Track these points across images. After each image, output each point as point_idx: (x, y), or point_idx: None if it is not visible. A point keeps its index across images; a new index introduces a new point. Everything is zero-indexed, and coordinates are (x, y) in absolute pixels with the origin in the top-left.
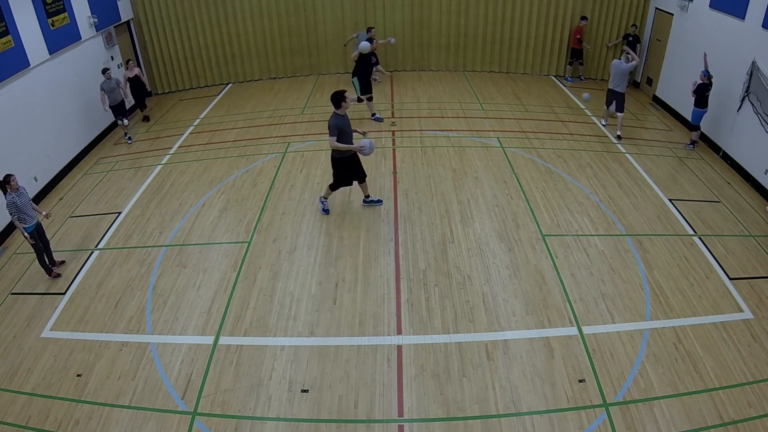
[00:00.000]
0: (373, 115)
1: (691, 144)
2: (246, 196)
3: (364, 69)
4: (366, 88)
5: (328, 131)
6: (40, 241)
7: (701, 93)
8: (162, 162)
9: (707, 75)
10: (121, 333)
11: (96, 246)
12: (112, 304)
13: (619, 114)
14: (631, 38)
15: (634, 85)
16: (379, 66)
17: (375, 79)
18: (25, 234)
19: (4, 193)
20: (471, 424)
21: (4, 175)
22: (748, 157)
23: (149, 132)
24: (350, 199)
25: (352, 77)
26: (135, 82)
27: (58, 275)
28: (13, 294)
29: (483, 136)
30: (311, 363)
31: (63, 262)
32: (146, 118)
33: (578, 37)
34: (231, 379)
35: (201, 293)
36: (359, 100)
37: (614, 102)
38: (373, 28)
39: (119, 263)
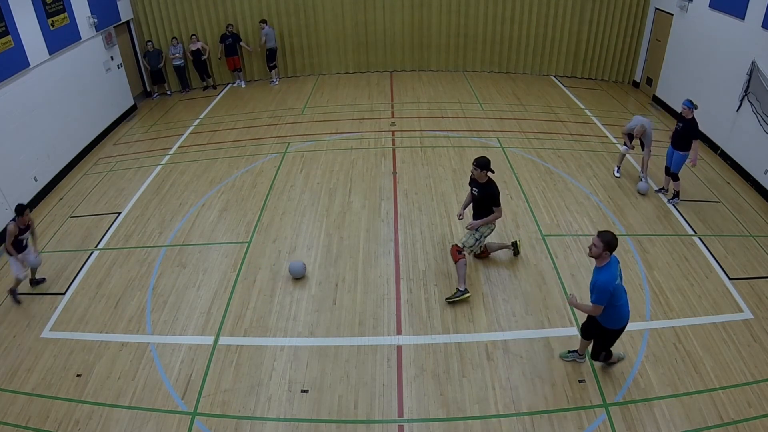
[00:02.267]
0: None
1: (675, 197)
2: (246, 196)
3: None
4: None
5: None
6: None
7: (695, 131)
8: (162, 162)
9: (692, 105)
10: (121, 333)
11: (96, 246)
12: (112, 304)
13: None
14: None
15: (634, 85)
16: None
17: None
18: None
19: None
20: (471, 424)
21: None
22: (747, 156)
23: (149, 132)
24: (350, 200)
25: None
26: (197, 55)
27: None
28: None
29: (483, 137)
30: (311, 363)
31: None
32: (210, 87)
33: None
34: (231, 379)
35: (201, 293)
36: None
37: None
38: None
39: (119, 263)
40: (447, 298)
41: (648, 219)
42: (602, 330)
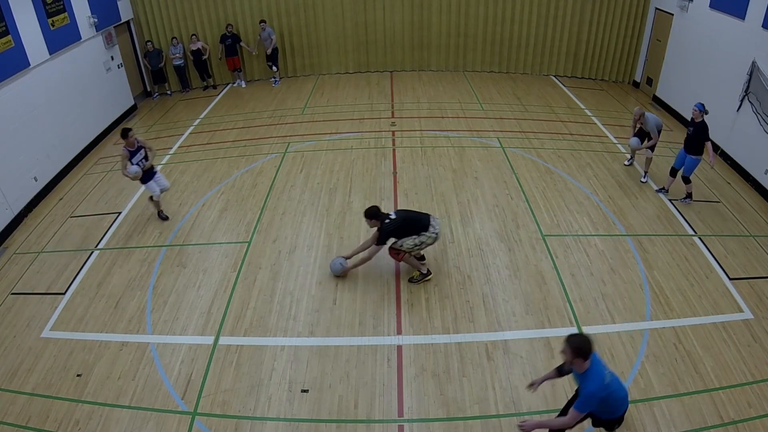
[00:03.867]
0: None
1: (688, 197)
2: (246, 196)
3: None
4: None
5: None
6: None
7: (704, 134)
8: (162, 162)
9: (703, 109)
10: (121, 333)
11: (96, 246)
12: (112, 304)
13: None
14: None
15: (634, 85)
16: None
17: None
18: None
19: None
20: (471, 424)
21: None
22: (748, 157)
23: (149, 132)
24: (350, 200)
25: None
26: (197, 55)
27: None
28: (13, 294)
29: (483, 136)
30: (311, 363)
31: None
32: (211, 87)
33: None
34: (231, 379)
35: (201, 293)
36: None
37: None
38: None
39: (119, 263)
40: (410, 279)
41: (648, 219)
42: (602, 422)
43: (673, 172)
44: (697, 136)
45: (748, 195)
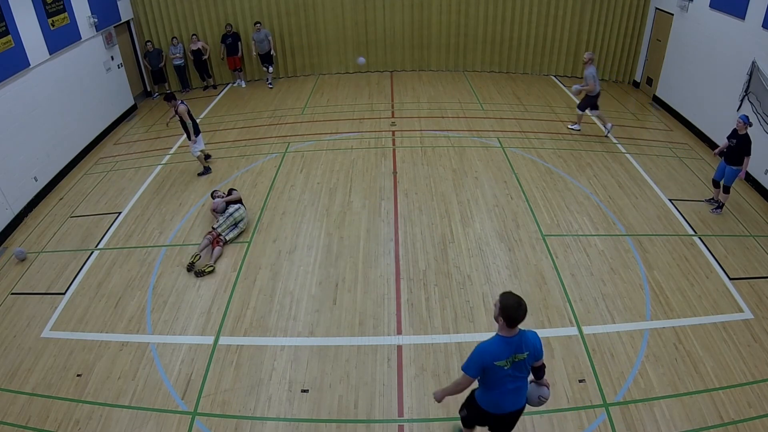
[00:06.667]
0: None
1: (719, 208)
2: (246, 195)
3: None
4: None
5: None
6: None
7: (747, 146)
8: (162, 162)
9: (748, 120)
10: (121, 333)
11: (96, 246)
12: (112, 304)
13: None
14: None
15: (634, 85)
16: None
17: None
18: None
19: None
20: None
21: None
22: None
23: (149, 132)
24: (350, 200)
25: None
26: (197, 55)
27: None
28: (13, 294)
29: (483, 136)
30: (311, 363)
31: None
32: (211, 87)
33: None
34: (231, 379)
35: (201, 293)
36: None
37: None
38: None
39: (119, 263)
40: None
41: (648, 219)
42: (471, 394)
43: (716, 184)
44: (740, 148)
45: (748, 195)
